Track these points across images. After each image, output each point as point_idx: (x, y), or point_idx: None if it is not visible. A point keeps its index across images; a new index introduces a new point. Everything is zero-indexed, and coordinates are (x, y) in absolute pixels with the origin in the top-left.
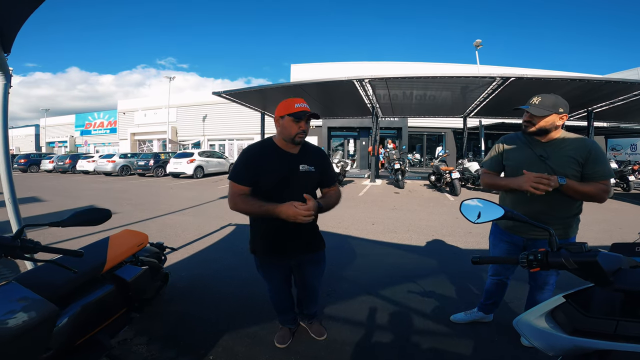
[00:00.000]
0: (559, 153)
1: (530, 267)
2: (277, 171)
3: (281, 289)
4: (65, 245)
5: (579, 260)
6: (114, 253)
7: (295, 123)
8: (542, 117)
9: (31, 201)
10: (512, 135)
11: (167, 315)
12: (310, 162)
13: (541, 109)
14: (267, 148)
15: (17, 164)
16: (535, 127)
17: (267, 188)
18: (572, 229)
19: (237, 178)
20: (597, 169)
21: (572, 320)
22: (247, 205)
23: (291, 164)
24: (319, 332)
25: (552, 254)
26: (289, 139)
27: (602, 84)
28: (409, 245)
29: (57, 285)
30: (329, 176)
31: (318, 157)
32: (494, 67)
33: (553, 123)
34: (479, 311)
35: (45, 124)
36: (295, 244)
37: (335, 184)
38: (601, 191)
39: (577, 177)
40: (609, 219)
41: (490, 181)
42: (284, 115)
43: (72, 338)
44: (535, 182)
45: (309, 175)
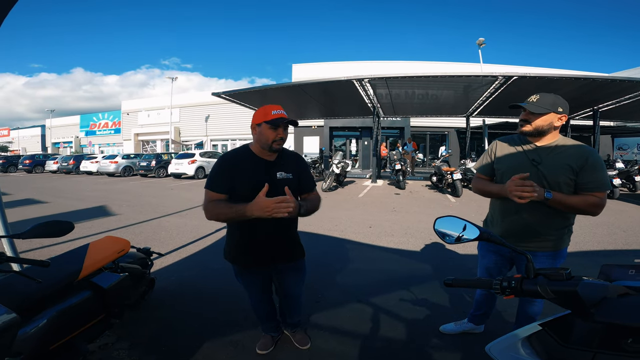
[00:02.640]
0: (554, 159)
1: (503, 294)
2: (253, 178)
3: (261, 297)
4: (65, 248)
5: (556, 290)
6: (91, 260)
7: (272, 130)
8: (540, 116)
9: (32, 203)
10: (507, 137)
11: (151, 321)
12: (287, 169)
13: (539, 107)
14: (243, 155)
15: (22, 165)
16: (531, 127)
17: (243, 196)
18: (562, 240)
19: (212, 186)
20: (592, 179)
21: (547, 350)
22: (217, 209)
23: (268, 171)
24: (302, 341)
25: (527, 281)
26: (267, 147)
27: (608, 82)
28: (404, 250)
29: (28, 293)
30: (308, 182)
31: (295, 163)
32: (498, 66)
33: (551, 123)
34: (469, 322)
35: (51, 124)
36: (272, 253)
37: (314, 190)
38: (593, 205)
39: (570, 186)
40: (612, 221)
41: (480, 186)
42: (261, 122)
43: (46, 343)
44: (518, 189)
45: (287, 183)
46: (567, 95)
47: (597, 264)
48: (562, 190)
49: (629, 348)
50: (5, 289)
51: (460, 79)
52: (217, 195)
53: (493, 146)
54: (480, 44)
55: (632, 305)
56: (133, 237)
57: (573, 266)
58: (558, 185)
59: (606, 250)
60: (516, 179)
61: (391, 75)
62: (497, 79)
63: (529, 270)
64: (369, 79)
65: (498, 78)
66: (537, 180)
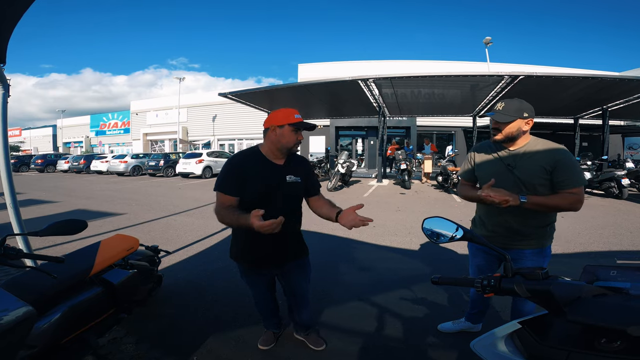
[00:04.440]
0: (527, 162)
1: (484, 292)
2: (264, 182)
3: (266, 296)
4: (77, 245)
5: (531, 289)
6: (102, 257)
7: (294, 133)
8: (508, 124)
9: (44, 202)
10: (483, 143)
11: (159, 316)
12: (296, 172)
13: (505, 115)
14: (253, 157)
15: (34, 164)
16: (502, 134)
17: (251, 199)
18: (546, 238)
19: (222, 188)
20: (565, 176)
21: (527, 347)
22: (227, 217)
23: (278, 175)
24: (316, 343)
25: (506, 280)
26: (286, 149)
27: (617, 81)
28: (407, 249)
29: (43, 288)
30: (314, 185)
31: (303, 167)
32: (505, 65)
33: (519, 129)
34: (466, 321)
35: (62, 124)
36: (277, 254)
37: (320, 193)
38: (570, 202)
39: (546, 186)
40: (620, 222)
41: (464, 193)
42: (284, 124)
43: (58, 337)
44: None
45: (296, 186)
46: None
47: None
48: (539, 191)
49: (602, 348)
50: (22, 283)
51: (466, 79)
52: (229, 198)
53: (471, 154)
54: (487, 42)
55: (604, 306)
56: (142, 235)
57: (577, 267)
58: (534, 187)
59: (612, 251)
60: (486, 187)
61: (396, 75)
62: (503, 79)
63: (507, 269)
64: (373, 79)
65: (504, 77)
66: (513, 183)
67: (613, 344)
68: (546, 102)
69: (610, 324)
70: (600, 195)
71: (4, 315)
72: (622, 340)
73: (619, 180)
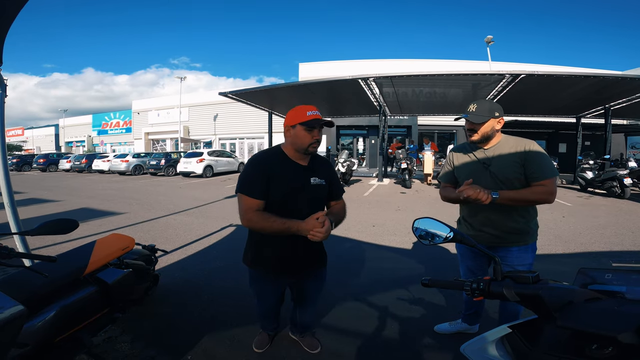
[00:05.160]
0: (500, 158)
1: (473, 296)
2: (288, 184)
3: (272, 306)
4: (76, 244)
5: (520, 293)
6: (96, 256)
7: (308, 132)
8: (482, 124)
9: (46, 201)
10: (460, 145)
11: (155, 315)
12: (320, 174)
13: (478, 116)
14: (276, 157)
15: (37, 164)
16: (478, 135)
17: (277, 200)
18: (530, 235)
19: (249, 191)
20: (535, 168)
21: (517, 352)
22: (266, 222)
23: (303, 176)
24: (312, 345)
25: (495, 283)
26: (302, 150)
27: (619, 80)
28: (406, 249)
29: (35, 287)
30: (338, 189)
31: (327, 169)
32: (507, 64)
33: (493, 128)
34: (463, 322)
35: (64, 124)
36: (297, 261)
37: (342, 197)
38: (541, 193)
39: (521, 181)
40: (621, 222)
41: (445, 194)
42: (295, 124)
43: (51, 335)
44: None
45: (320, 189)
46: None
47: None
48: (515, 186)
49: (593, 354)
50: (14, 282)
51: (467, 78)
52: (255, 201)
53: (450, 157)
54: (488, 41)
55: (596, 312)
56: (142, 234)
57: (576, 267)
58: (510, 182)
59: (613, 252)
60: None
61: (397, 74)
62: (504, 77)
63: (497, 272)
64: (374, 78)
65: (505, 76)
66: (490, 180)
67: (604, 350)
68: (548, 101)
69: (602, 330)
70: (602, 195)
71: None
72: (614, 347)
73: (621, 179)
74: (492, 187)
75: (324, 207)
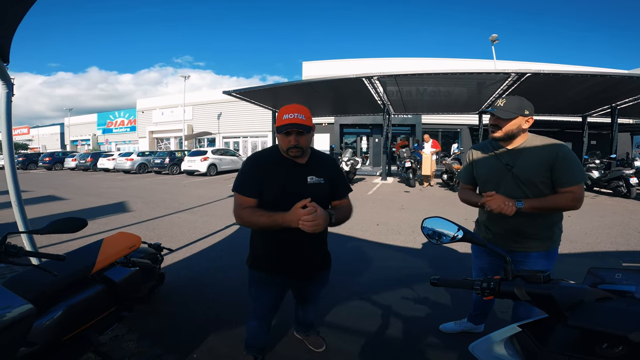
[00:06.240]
0: (525, 160)
1: (483, 295)
2: (282, 182)
3: (269, 311)
4: (82, 243)
5: (531, 292)
6: (104, 255)
7: (284, 137)
8: (509, 120)
9: (52, 200)
10: (481, 143)
11: (160, 314)
12: (319, 173)
13: (507, 112)
14: (272, 156)
15: (42, 162)
16: (502, 132)
17: (269, 201)
18: (553, 240)
19: (242, 189)
20: (565, 173)
21: (527, 352)
22: (253, 216)
23: (298, 175)
24: (316, 343)
25: (505, 282)
26: (285, 153)
27: (625, 79)
28: (410, 248)
29: (43, 286)
30: (341, 188)
31: (328, 167)
32: (512, 63)
33: (519, 126)
34: (468, 322)
35: (69, 122)
36: (304, 263)
37: (347, 197)
38: (569, 200)
39: (546, 185)
40: (627, 221)
41: (465, 197)
42: (276, 126)
43: (59, 334)
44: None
45: (318, 188)
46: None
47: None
48: (539, 189)
49: (603, 353)
50: (22, 281)
51: (472, 76)
52: (248, 199)
53: (470, 155)
54: (493, 40)
55: (607, 311)
56: (147, 232)
57: (583, 267)
58: (533, 185)
59: (619, 251)
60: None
61: (401, 73)
62: (509, 76)
63: (508, 272)
64: (378, 77)
65: (511, 75)
66: (512, 183)
67: (614, 349)
68: (553, 100)
69: (612, 329)
70: (608, 195)
71: (3, 312)
72: (624, 346)
73: (627, 179)
74: (514, 189)
75: (327, 207)
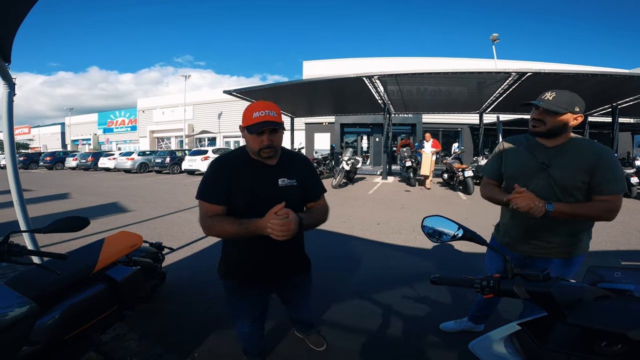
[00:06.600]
0: (564, 161)
1: (483, 293)
2: (250, 187)
3: (254, 323)
4: (83, 242)
5: (531, 290)
6: (106, 254)
7: (256, 137)
8: (556, 116)
9: (53, 199)
10: (515, 137)
11: (162, 313)
12: (291, 174)
13: (556, 106)
14: (239, 159)
15: (43, 162)
16: (546, 127)
17: (239, 207)
18: (578, 246)
19: (207, 196)
20: (606, 180)
21: (527, 350)
22: (222, 224)
23: (269, 177)
24: (317, 342)
25: (505, 281)
26: (255, 155)
27: (626, 78)
28: (411, 247)
29: (46, 285)
30: (315, 189)
31: (301, 167)
32: (512, 62)
33: (566, 124)
34: (469, 321)
35: (70, 122)
36: (276, 268)
37: (321, 198)
38: (603, 210)
39: (582, 190)
40: (628, 221)
41: (488, 194)
42: (244, 127)
43: (61, 333)
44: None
45: (290, 190)
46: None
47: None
48: (574, 195)
49: (602, 351)
50: (25, 280)
51: (472, 76)
52: (215, 207)
53: (500, 148)
54: (494, 39)
55: (606, 309)
56: (147, 232)
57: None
58: (568, 190)
59: (619, 251)
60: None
61: (401, 72)
62: (510, 76)
63: (507, 270)
64: (378, 76)
65: (511, 74)
66: (545, 184)
67: (613, 347)
68: None
69: (611, 327)
70: None
71: (6, 311)
72: (623, 344)
73: (628, 178)
74: (545, 191)
75: (301, 210)
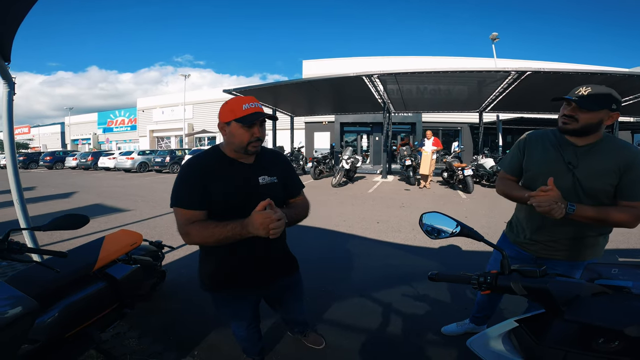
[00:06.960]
0: (593, 162)
1: (480, 289)
2: (231, 188)
3: (249, 326)
4: (83, 240)
5: (528, 286)
6: (106, 252)
7: (246, 129)
8: (591, 113)
9: (53, 198)
10: (541, 132)
11: (162, 311)
12: (271, 171)
13: (593, 103)
14: (213, 158)
15: (43, 161)
16: (578, 124)
17: (219, 210)
18: (594, 250)
19: (185, 202)
20: (634, 186)
21: (524, 346)
22: (206, 230)
23: (248, 176)
24: (315, 341)
25: (502, 277)
26: (241, 150)
27: (626, 77)
28: (411, 245)
29: (46, 282)
30: (294, 185)
31: (279, 163)
32: (512, 61)
33: (601, 122)
34: (470, 323)
35: (70, 122)
36: (260, 271)
37: (301, 194)
38: (627, 217)
39: (609, 194)
40: None
41: (505, 190)
42: (230, 120)
43: (61, 331)
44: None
45: (272, 188)
46: None
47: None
48: (598, 197)
49: (600, 348)
50: (25, 278)
51: (472, 74)
52: (192, 212)
53: (523, 140)
54: (493, 38)
55: (602, 306)
56: (148, 231)
57: None
58: (594, 193)
59: (619, 249)
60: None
61: (401, 71)
62: (510, 74)
63: (504, 266)
64: (378, 75)
65: (511, 73)
66: (569, 186)
67: (611, 344)
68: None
69: (608, 324)
70: None
71: (6, 309)
72: (620, 340)
73: None
74: (569, 192)
75: (282, 207)
